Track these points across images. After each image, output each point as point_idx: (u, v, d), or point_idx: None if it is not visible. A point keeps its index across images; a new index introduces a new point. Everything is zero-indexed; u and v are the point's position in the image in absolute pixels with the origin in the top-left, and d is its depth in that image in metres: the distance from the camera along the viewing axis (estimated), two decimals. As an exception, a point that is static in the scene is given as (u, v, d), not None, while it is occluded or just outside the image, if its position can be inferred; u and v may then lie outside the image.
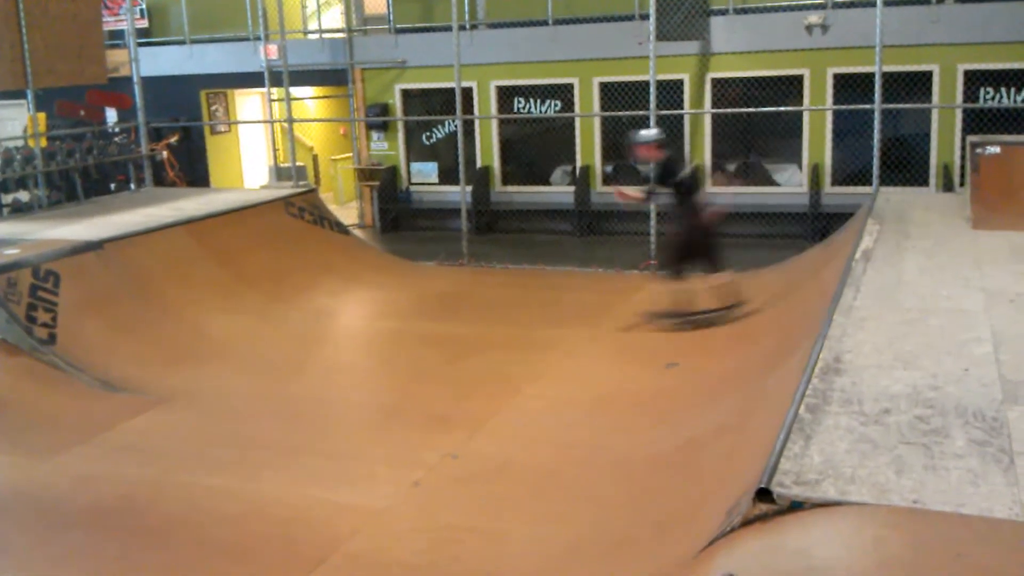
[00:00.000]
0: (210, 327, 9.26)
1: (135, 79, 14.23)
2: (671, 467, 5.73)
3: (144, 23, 17.75)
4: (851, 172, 13.53)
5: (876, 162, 11.38)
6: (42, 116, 14.65)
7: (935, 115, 13.05)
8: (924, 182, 13.21)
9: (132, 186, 14.82)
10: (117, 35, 17.51)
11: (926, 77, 12.94)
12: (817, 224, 13.29)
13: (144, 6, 18.03)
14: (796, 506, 3.62)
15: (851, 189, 13.23)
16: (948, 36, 12.77)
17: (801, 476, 3.79)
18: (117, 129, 16.88)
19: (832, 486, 3.70)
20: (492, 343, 9.01)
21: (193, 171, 17.64)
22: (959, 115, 12.94)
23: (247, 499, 5.82)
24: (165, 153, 16.81)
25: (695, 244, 8.84)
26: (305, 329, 9.76)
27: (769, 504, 3.66)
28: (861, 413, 4.43)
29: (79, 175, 14.02)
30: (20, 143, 15.21)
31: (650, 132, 9.20)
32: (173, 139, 17.30)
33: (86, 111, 15.62)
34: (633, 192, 9.57)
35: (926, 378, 4.85)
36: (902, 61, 12.55)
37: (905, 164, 12.97)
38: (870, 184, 11.52)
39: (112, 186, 15.67)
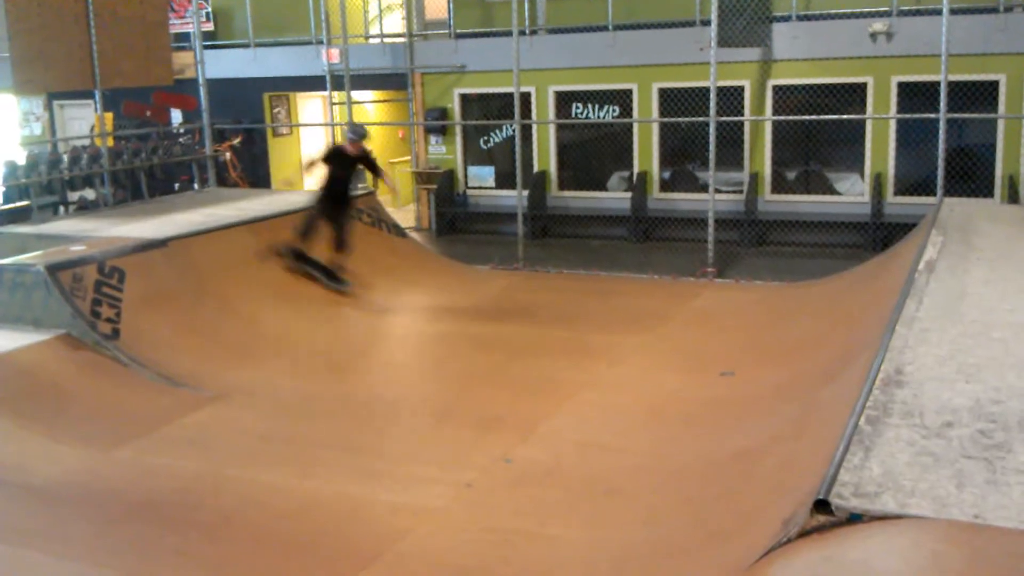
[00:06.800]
0: (269, 325, 9.38)
1: (200, 81, 14.48)
2: (725, 476, 5.68)
3: (209, 26, 18.05)
4: (914, 182, 13.32)
5: (941, 172, 11.16)
6: (109, 116, 15.01)
7: (1001, 125, 12.79)
8: (989, 193, 12.95)
9: (195, 186, 15.10)
10: (183, 37, 17.84)
11: (992, 86, 12.70)
12: (879, 234, 13.10)
13: (210, 9, 18.35)
14: (855, 518, 3.57)
15: (914, 199, 13.02)
16: (1015, 45, 12.51)
17: (860, 488, 3.73)
18: (182, 130, 17.21)
19: (892, 499, 3.64)
20: (546, 347, 9.01)
21: (255, 172, 17.90)
22: (1026, 125, 12.68)
23: (302, 495, 5.89)
24: (228, 154, 17.08)
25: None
26: (361, 330, 9.85)
27: (827, 515, 3.61)
28: (922, 426, 4.35)
29: (144, 174, 14.32)
30: (87, 142, 15.59)
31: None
32: (236, 140, 17.57)
33: (152, 112, 15.95)
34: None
35: (989, 392, 4.75)
36: (968, 70, 12.32)
37: (969, 174, 12.72)
38: (933, 194, 11.32)
39: (176, 186, 16.00)
